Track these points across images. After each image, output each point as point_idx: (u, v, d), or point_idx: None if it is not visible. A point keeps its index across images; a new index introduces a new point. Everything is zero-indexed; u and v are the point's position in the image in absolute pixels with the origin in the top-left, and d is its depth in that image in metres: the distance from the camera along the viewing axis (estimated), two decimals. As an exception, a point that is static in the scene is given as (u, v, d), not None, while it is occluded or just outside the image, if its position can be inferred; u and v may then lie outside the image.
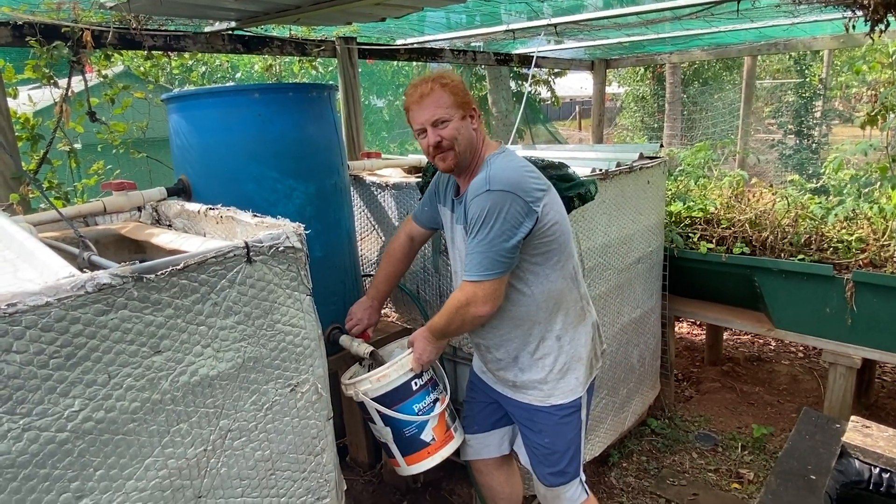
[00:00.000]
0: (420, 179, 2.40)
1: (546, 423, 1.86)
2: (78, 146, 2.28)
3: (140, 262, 1.16)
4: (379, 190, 2.63)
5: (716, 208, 3.42)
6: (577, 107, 21.69)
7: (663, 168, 3.06)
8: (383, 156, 2.99)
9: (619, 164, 2.63)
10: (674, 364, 3.61)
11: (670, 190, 3.61)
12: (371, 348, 2.10)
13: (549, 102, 9.57)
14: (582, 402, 1.88)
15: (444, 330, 1.84)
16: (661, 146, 3.14)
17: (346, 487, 1.62)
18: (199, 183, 2.06)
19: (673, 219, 3.41)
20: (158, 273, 1.15)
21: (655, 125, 12.62)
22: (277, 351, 1.39)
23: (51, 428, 1.02)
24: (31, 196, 2.07)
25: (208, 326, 1.25)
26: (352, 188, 2.64)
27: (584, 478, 1.97)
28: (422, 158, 3.13)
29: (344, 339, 2.17)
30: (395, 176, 2.78)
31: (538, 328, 1.80)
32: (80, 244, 1.42)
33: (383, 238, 2.70)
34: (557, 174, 2.07)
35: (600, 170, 2.49)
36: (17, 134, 2.19)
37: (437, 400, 1.97)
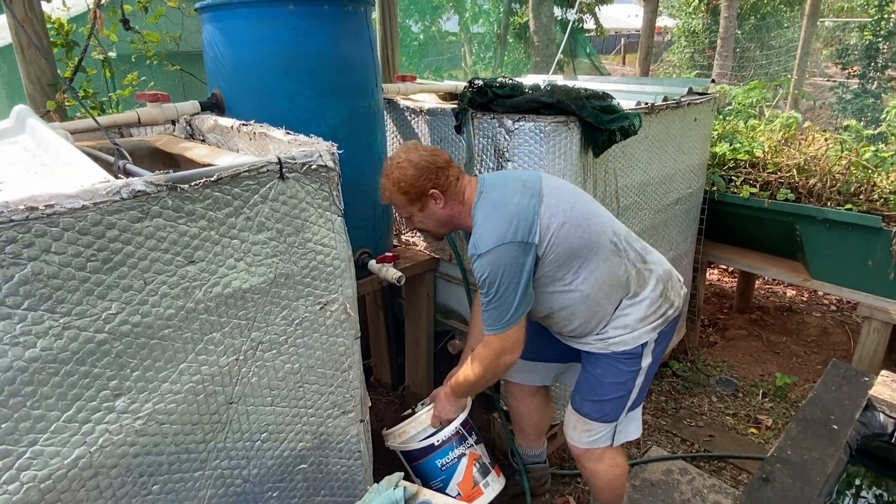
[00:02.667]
0: (456, 106, 2.32)
1: (602, 362, 1.82)
2: (112, 55, 2.25)
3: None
4: (413, 115, 2.56)
5: (763, 151, 3.25)
6: (622, 40, 20.63)
7: (713, 105, 2.90)
8: (418, 80, 2.90)
9: (665, 99, 2.50)
10: (701, 309, 3.57)
11: (716, 130, 3.44)
12: (400, 274, 2.11)
13: (592, 33, 9.10)
14: (644, 350, 1.78)
15: (471, 388, 1.86)
16: (713, 82, 2.96)
17: (370, 404, 1.67)
18: (232, 98, 2.03)
19: (716, 160, 3.27)
20: (192, 183, 1.14)
21: (705, 62, 11.96)
22: (308, 269, 1.39)
23: (89, 328, 1.06)
24: (67, 104, 2.07)
25: (241, 240, 1.26)
26: (385, 112, 2.57)
27: (619, 428, 1.89)
28: (458, 85, 3.02)
29: (373, 264, 2.18)
30: (429, 101, 2.69)
31: (598, 314, 1.75)
32: (115, 153, 1.42)
33: (415, 165, 2.66)
34: (601, 105, 1.98)
35: (646, 103, 2.37)
36: (51, 40, 2.16)
37: (462, 455, 1.95)
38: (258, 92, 1.98)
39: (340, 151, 1.44)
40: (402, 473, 1.44)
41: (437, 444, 1.93)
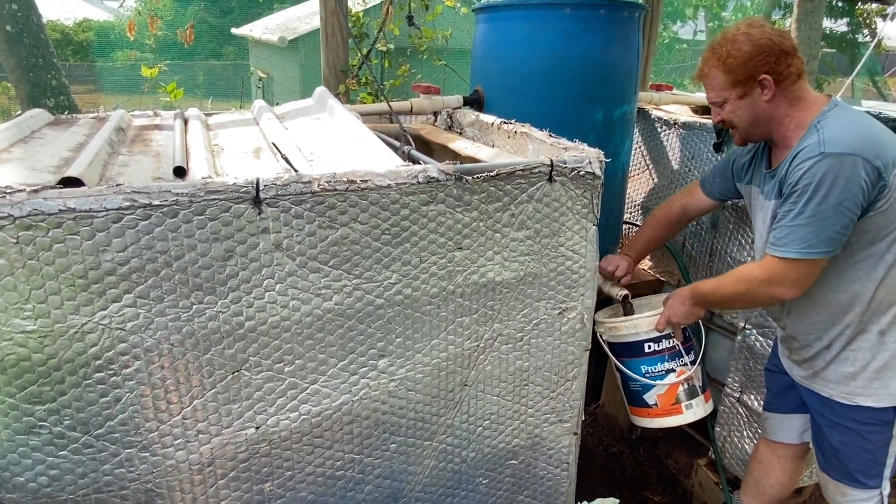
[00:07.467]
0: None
1: (843, 421, 1.58)
2: (391, 47, 2.51)
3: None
4: (664, 127, 2.43)
5: None
6: (901, 59, 17.35)
7: None
8: (674, 90, 2.74)
9: None
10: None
11: None
12: (626, 292, 2.03)
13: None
14: None
15: (716, 301, 1.69)
16: None
17: (584, 418, 1.63)
18: (492, 95, 2.12)
19: None
20: (475, 175, 1.21)
21: None
22: (555, 273, 1.40)
23: (372, 293, 1.18)
24: (351, 88, 2.35)
25: (502, 235, 1.30)
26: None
27: (887, 491, 1.63)
28: (715, 99, 2.79)
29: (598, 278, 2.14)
30: (683, 114, 2.53)
31: (859, 318, 1.51)
32: (402, 138, 1.57)
33: (655, 180, 2.53)
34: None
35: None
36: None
37: (671, 370, 1.85)
38: (518, 91, 2.04)
39: (608, 160, 1.41)
40: (618, 501, 1.39)
41: (646, 350, 1.84)
